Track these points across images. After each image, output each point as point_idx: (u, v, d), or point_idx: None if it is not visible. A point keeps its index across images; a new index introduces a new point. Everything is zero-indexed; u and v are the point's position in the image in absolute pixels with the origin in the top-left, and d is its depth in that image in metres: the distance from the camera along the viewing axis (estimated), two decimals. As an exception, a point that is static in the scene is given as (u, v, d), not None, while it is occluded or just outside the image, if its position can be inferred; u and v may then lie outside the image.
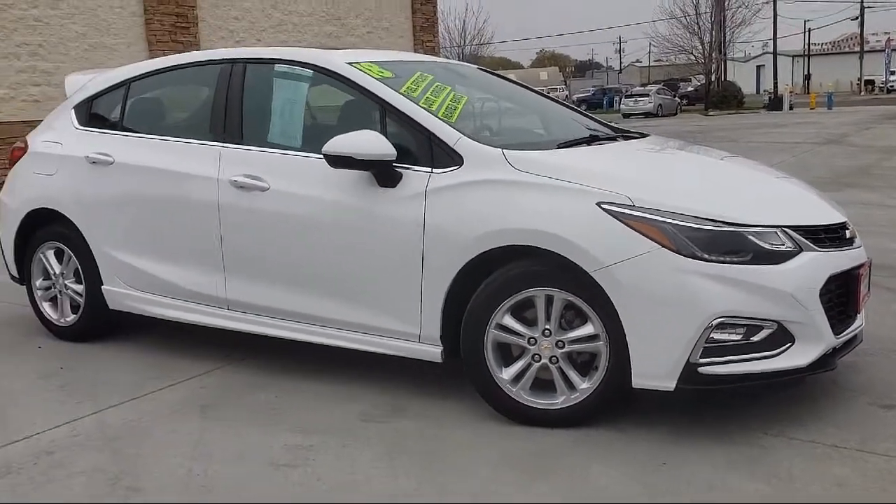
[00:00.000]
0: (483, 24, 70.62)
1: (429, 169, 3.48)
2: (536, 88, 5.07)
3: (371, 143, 3.45)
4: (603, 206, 3.11)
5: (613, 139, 4.15)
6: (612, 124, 4.62)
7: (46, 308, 4.86)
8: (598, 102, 51.34)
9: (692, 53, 41.58)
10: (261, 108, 4.09)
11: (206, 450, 3.24)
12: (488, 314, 3.28)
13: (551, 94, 5.73)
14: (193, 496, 2.88)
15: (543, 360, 3.26)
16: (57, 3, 14.77)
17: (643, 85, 66.70)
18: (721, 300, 2.98)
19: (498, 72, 5.34)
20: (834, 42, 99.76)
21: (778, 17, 43.30)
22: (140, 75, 4.57)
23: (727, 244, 3.04)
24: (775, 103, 40.22)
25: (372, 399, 3.71)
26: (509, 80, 4.90)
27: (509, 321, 3.28)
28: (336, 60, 3.92)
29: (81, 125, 4.69)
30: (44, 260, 4.78)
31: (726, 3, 40.57)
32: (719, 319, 2.98)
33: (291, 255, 3.82)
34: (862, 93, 66.44)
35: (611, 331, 3.13)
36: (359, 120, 3.99)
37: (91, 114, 4.69)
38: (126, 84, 4.59)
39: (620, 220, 3.07)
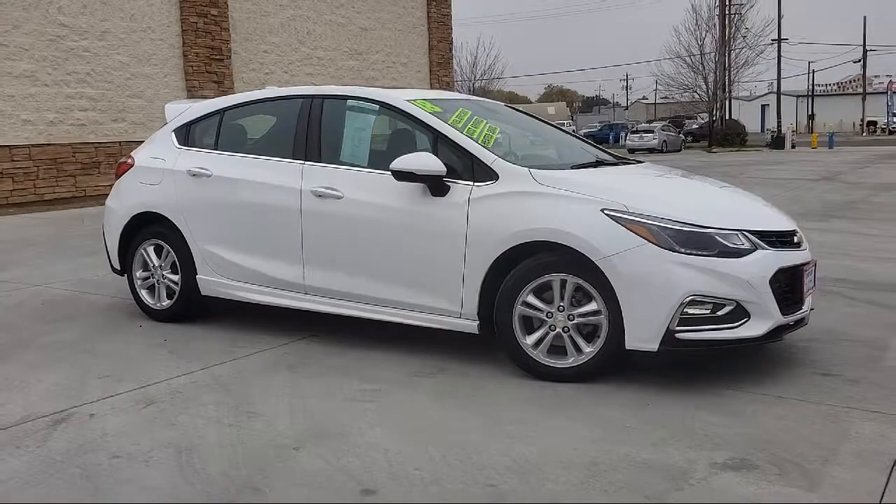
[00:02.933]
0: (494, 60, 72.18)
1: (471, 183, 4.52)
2: (553, 122, 6.14)
3: (427, 162, 4.50)
4: (605, 211, 4.15)
5: (615, 164, 5.20)
6: (612, 152, 5.68)
7: (144, 295, 5.88)
8: (605, 137, 52.54)
9: (696, 92, 42.83)
10: (335, 134, 5.15)
11: (300, 392, 4.25)
12: (516, 294, 4.31)
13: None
14: (299, 419, 3.88)
15: (558, 330, 4.27)
16: (104, 35, 16.03)
17: (649, 121, 68.22)
18: (692, 282, 4.00)
19: (519, 107, 6.41)
20: (839, 83, 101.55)
21: (783, 59, 44.79)
22: (233, 105, 5.65)
23: (698, 241, 4.07)
24: (777, 142, 41.41)
25: (420, 362, 4.72)
26: (530, 115, 5.97)
27: (532, 299, 4.30)
28: (397, 97, 4.99)
29: (181, 145, 5.75)
30: (144, 254, 5.82)
31: (732, 43, 41.86)
32: (691, 297, 4.01)
33: (360, 248, 4.84)
34: (864, 133, 67.78)
35: (610, 307, 4.15)
36: (413, 144, 5.06)
37: (190, 136, 5.76)
38: (221, 112, 5.67)
39: (618, 222, 4.11)
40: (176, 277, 5.69)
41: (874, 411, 3.87)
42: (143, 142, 6.27)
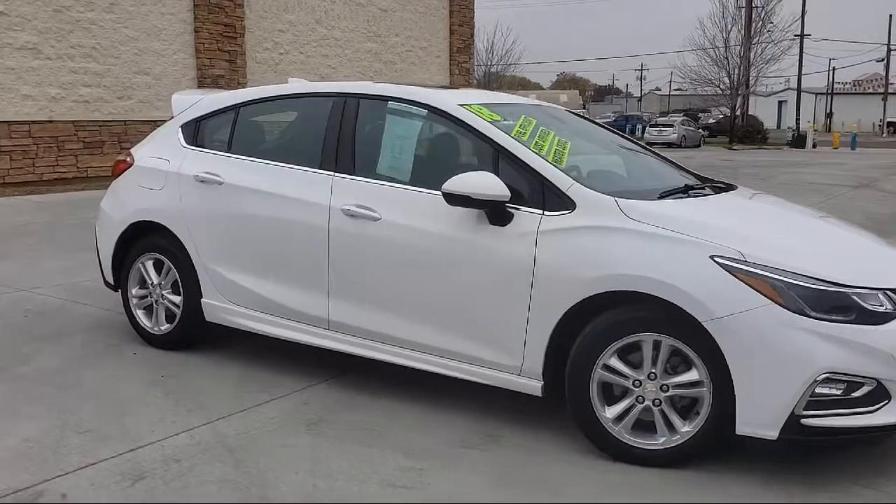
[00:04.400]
0: (511, 44, 71.01)
1: (540, 211, 3.69)
2: (616, 131, 5.28)
3: (488, 184, 3.66)
4: (716, 259, 3.31)
5: (703, 188, 4.34)
6: (691, 170, 4.82)
7: (140, 316, 5.07)
8: (620, 129, 51.50)
9: (719, 86, 41.72)
10: (373, 142, 4.31)
11: (324, 467, 3.44)
12: (596, 354, 3.48)
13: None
14: (324, 511, 3.07)
15: (647, 402, 3.45)
16: (112, 7, 15.13)
17: (663, 113, 66.88)
18: (828, 357, 3.17)
19: (579, 112, 5.55)
20: (855, 81, 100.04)
21: (803, 55, 43.59)
22: (251, 100, 4.80)
23: (833, 303, 3.23)
24: (798, 141, 40.39)
25: (467, 426, 3.90)
26: (596, 123, 5.12)
27: (616, 363, 3.47)
28: (449, 101, 4.15)
29: (189, 144, 4.92)
30: (142, 270, 5.00)
31: (758, 37, 40.75)
32: (825, 374, 3.17)
33: (399, 282, 4.02)
34: (884, 134, 66.58)
35: (715, 378, 3.32)
36: (467, 159, 4.22)
37: (199, 134, 4.92)
38: (236, 108, 4.83)
39: (733, 274, 3.27)
40: (177, 299, 4.87)
41: None
42: (149, 122, 5.41)
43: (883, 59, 71.13)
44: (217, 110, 4.90)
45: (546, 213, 3.68)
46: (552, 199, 3.69)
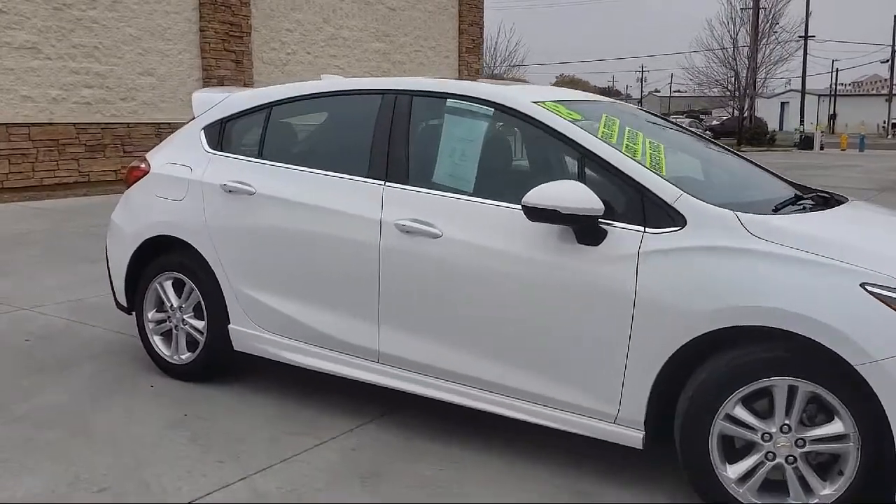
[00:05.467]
0: (515, 46, 70.48)
1: (640, 228, 3.10)
2: (692, 130, 4.68)
3: (577, 195, 3.08)
4: (868, 287, 2.73)
5: (815, 199, 3.74)
6: (786, 177, 4.22)
7: (157, 342, 4.49)
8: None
9: (727, 87, 41.17)
10: (429, 146, 3.72)
11: (390, 538, 2.85)
12: (717, 402, 2.89)
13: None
14: None
15: (779, 459, 2.86)
16: (115, 5, 14.55)
17: (664, 115, 66.07)
18: None
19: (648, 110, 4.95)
20: (855, 83, 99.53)
21: (807, 56, 43.07)
22: (285, 99, 4.21)
23: None
24: (806, 142, 39.85)
25: (553, 480, 3.31)
26: (675, 124, 4.53)
27: (741, 412, 2.89)
28: (521, 99, 3.56)
29: (213, 148, 4.33)
30: (160, 291, 4.42)
31: (766, 38, 40.23)
32: None
33: (463, 309, 3.44)
34: (889, 136, 66.03)
35: (864, 431, 2.74)
36: (544, 165, 3.65)
37: (225, 137, 4.33)
38: (268, 108, 4.24)
39: (890, 306, 2.69)
40: (201, 324, 4.29)
41: None
42: (153, 125, 4.80)
43: (887, 61, 70.61)
44: (245, 110, 4.31)
45: (648, 230, 3.09)
46: (655, 213, 3.10)
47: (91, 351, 4.88)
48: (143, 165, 4.56)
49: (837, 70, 79.76)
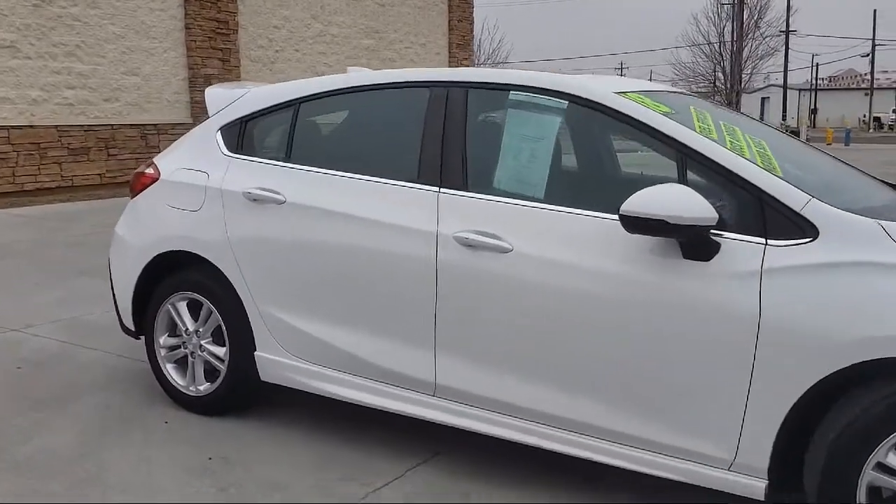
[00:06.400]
0: (498, 43, 70.13)
1: (761, 240, 2.63)
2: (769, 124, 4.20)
3: (687, 202, 2.59)
4: None
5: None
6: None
7: (170, 371, 3.97)
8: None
9: (714, 83, 40.99)
10: (490, 147, 3.23)
11: None
12: (866, 449, 2.43)
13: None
14: None
15: (940, 513, 2.40)
16: (97, 2, 13.94)
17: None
18: None
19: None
20: (831, 77, 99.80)
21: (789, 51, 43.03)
22: (316, 94, 3.69)
23: None
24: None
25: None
26: (748, 117, 4.05)
27: (894, 460, 2.42)
28: (601, 90, 3.07)
29: (232, 151, 3.81)
30: (173, 313, 3.90)
31: (753, 32, 40.11)
32: None
33: (539, 336, 2.95)
34: (871, 130, 66.23)
35: None
36: (632, 167, 3.17)
37: (245, 138, 3.82)
38: (295, 104, 3.72)
39: None
40: (221, 351, 3.77)
41: None
42: (138, 126, 4.27)
43: (868, 55, 70.83)
44: (269, 107, 3.79)
45: (771, 242, 2.61)
46: (778, 222, 2.63)
47: (92, 380, 4.35)
48: (151, 171, 4.03)
49: (818, 65, 79.95)
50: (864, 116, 73.04)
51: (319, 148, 3.70)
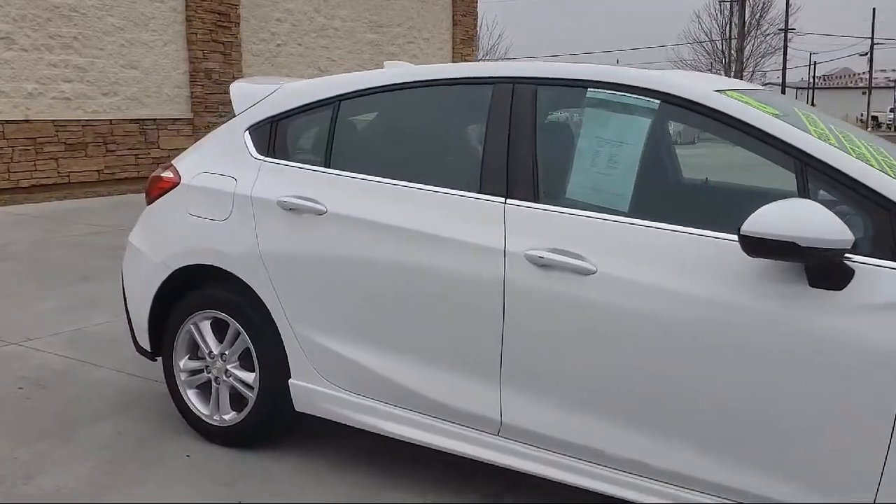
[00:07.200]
0: (498, 38, 69.76)
1: (904, 267, 2.24)
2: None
3: (820, 221, 2.20)
4: None
5: None
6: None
7: (191, 398, 3.57)
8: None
9: (717, 81, 40.72)
10: (564, 152, 2.83)
11: None
12: None
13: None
14: None
15: None
16: (95, -8, 13.45)
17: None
18: None
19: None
20: (825, 76, 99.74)
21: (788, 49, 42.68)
22: (358, 91, 3.28)
23: None
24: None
25: None
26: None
27: None
28: (700, 88, 2.67)
29: (263, 154, 3.40)
30: (195, 333, 3.49)
31: (755, 31, 39.81)
32: None
33: (628, 372, 2.56)
34: (869, 129, 66.07)
35: None
36: (736, 177, 2.77)
37: (278, 140, 3.41)
38: (334, 102, 3.31)
39: None
40: (250, 377, 3.37)
41: None
42: (137, 121, 3.86)
43: (866, 54, 70.59)
44: (304, 106, 3.38)
45: (916, 269, 2.23)
46: (923, 245, 2.24)
47: (102, 403, 3.95)
48: (170, 175, 3.61)
49: (815, 63, 79.76)
50: (862, 115, 72.84)
51: (363, 152, 3.29)
